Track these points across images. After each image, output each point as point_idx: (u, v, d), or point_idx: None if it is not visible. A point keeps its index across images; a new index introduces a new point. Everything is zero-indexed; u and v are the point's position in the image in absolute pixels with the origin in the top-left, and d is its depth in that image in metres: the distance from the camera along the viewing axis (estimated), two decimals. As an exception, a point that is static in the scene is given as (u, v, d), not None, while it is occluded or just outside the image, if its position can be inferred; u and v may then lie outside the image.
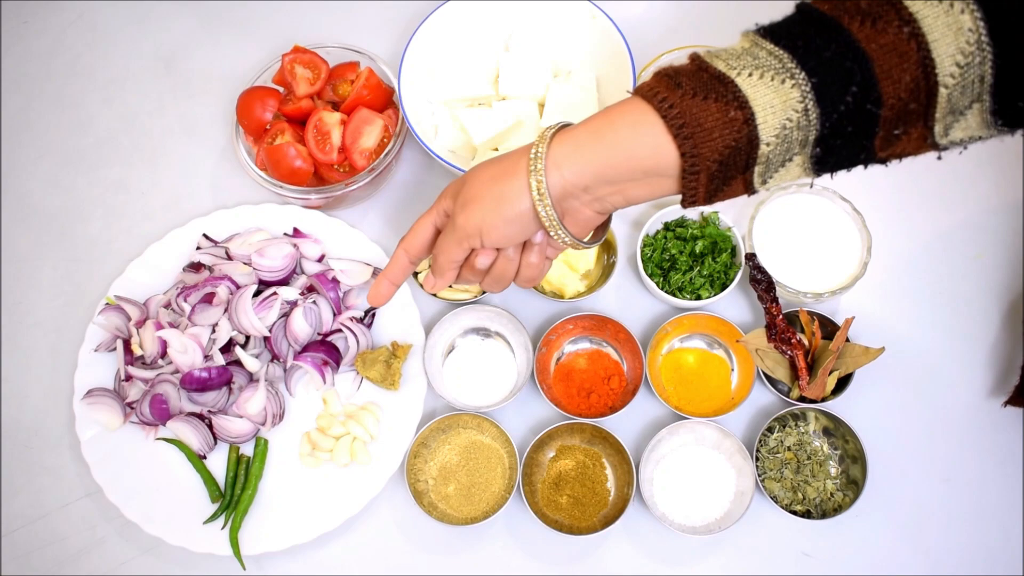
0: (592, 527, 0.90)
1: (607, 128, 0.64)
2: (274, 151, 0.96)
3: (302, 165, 0.96)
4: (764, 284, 0.92)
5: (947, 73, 0.58)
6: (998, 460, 0.94)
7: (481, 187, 0.68)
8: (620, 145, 0.64)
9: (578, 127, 0.66)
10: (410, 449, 0.92)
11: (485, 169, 0.69)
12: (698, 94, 0.61)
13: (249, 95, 1.00)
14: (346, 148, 0.97)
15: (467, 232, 0.69)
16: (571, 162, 0.65)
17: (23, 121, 1.13)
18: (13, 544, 0.94)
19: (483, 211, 0.68)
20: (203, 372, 0.93)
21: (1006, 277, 1.01)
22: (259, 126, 1.00)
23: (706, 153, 0.61)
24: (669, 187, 0.65)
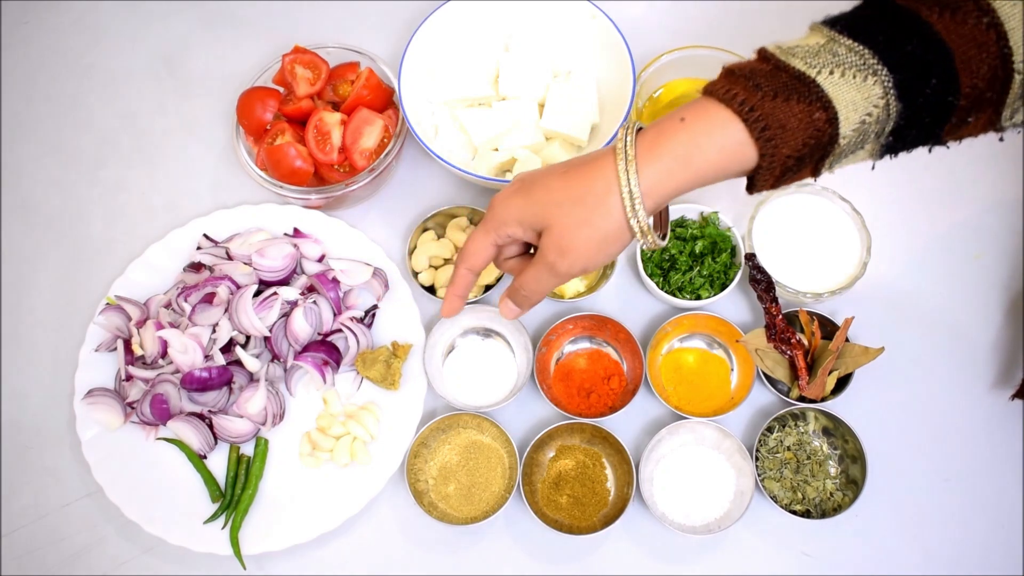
0: (592, 527, 0.90)
1: (693, 151, 0.63)
2: (274, 151, 0.96)
3: (302, 165, 0.96)
4: (764, 284, 0.92)
5: (1021, 60, 0.59)
6: (998, 460, 0.94)
7: (579, 234, 0.65)
8: (708, 166, 0.63)
9: (663, 148, 0.63)
10: (410, 449, 0.92)
11: (572, 210, 0.65)
12: (779, 95, 0.61)
13: (249, 95, 1.00)
14: (346, 148, 0.97)
15: (570, 275, 0.68)
16: (661, 190, 0.64)
17: (23, 121, 1.13)
18: (13, 544, 0.94)
19: (587, 258, 0.66)
20: (203, 372, 0.93)
21: (1005, 277, 1.01)
22: (259, 126, 1.00)
23: (785, 152, 0.62)
24: (736, 176, 0.66)
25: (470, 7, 1.05)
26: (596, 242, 0.65)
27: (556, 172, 0.67)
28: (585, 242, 0.65)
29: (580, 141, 1.03)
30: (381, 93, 1.02)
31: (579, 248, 0.66)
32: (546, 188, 0.67)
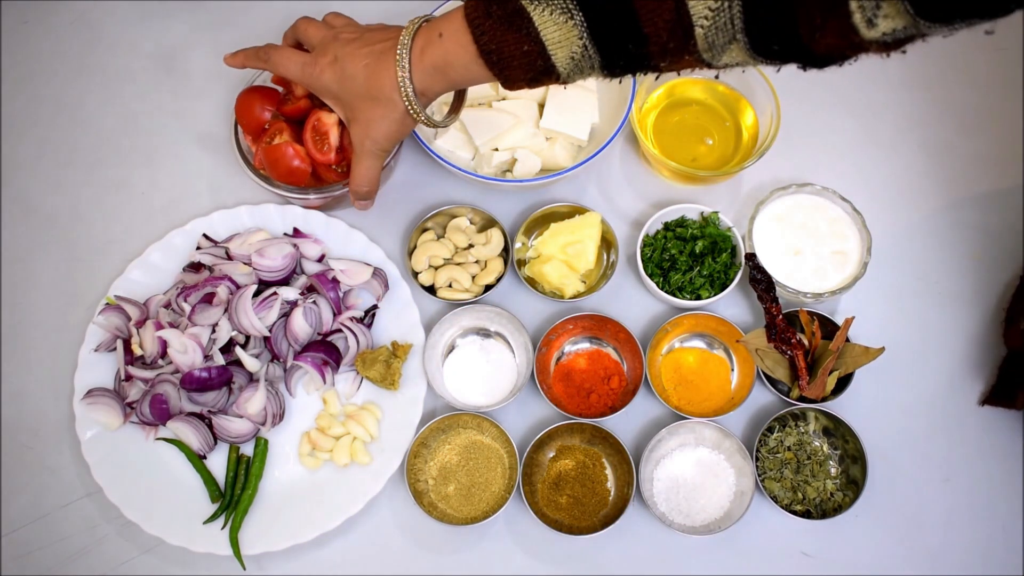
0: (592, 527, 0.90)
1: (448, 66, 0.77)
2: (272, 151, 0.95)
3: (300, 165, 0.95)
4: (764, 284, 0.92)
5: (701, 16, 0.65)
6: (998, 460, 0.94)
7: (381, 124, 0.83)
8: (460, 78, 0.78)
9: (427, 58, 0.77)
10: (410, 449, 0.92)
11: (372, 106, 0.82)
12: (503, 24, 0.70)
13: (248, 95, 0.99)
14: (344, 148, 0.96)
15: (384, 151, 0.87)
16: (430, 91, 0.81)
17: (23, 121, 1.13)
18: (13, 544, 0.94)
19: (388, 139, 0.85)
20: (203, 372, 0.93)
21: (1005, 277, 1.01)
22: (258, 126, 0.99)
23: (515, 75, 0.73)
24: (479, 83, 0.80)
25: (470, 7, 1.04)
26: (394, 127, 0.84)
27: (360, 60, 0.81)
28: (386, 129, 0.84)
29: (580, 141, 1.03)
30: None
31: (383, 132, 0.84)
32: (353, 80, 0.82)
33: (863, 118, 1.10)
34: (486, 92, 1.05)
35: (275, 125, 0.98)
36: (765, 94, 1.01)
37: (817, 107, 1.10)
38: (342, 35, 0.85)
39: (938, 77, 1.12)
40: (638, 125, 1.01)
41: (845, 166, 1.07)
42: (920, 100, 1.11)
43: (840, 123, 1.10)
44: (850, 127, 1.10)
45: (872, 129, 1.10)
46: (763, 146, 1.00)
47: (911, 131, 1.09)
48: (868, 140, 1.09)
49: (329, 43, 0.85)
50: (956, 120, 1.10)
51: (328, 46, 0.84)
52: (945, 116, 1.10)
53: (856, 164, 1.07)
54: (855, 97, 1.11)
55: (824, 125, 1.10)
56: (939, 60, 1.13)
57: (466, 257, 1.00)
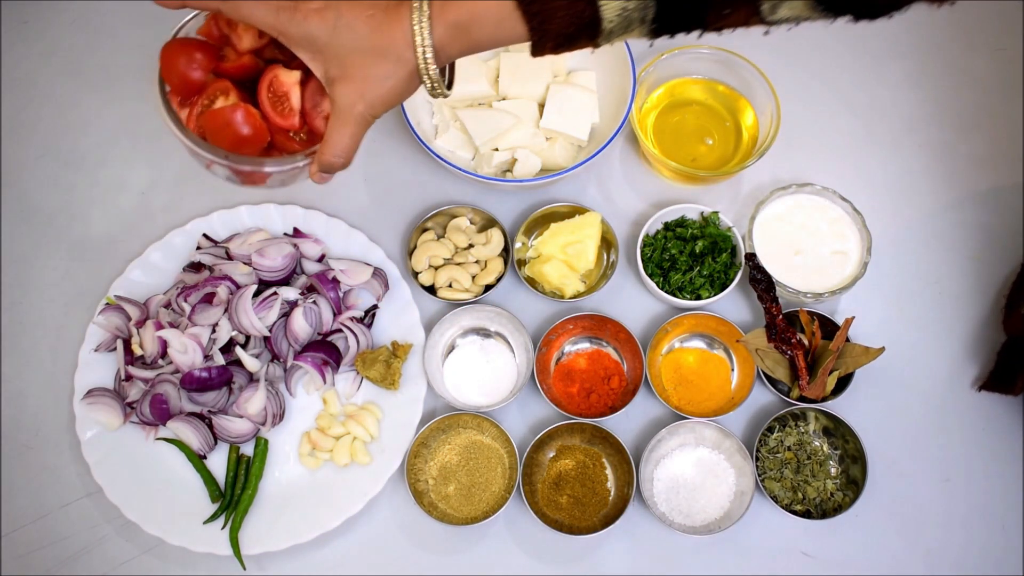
0: (592, 527, 0.90)
1: (474, 23, 0.69)
2: (216, 115, 0.77)
3: (251, 132, 0.77)
4: (764, 284, 0.92)
5: None
6: (998, 460, 0.94)
7: (383, 85, 0.71)
8: (484, 37, 0.70)
9: (450, 13, 0.69)
10: (410, 449, 0.92)
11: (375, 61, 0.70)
12: None
13: (175, 48, 0.80)
14: (307, 112, 0.79)
15: (373, 118, 0.73)
16: (446, 51, 0.70)
17: (23, 121, 1.13)
18: (13, 544, 0.94)
19: (386, 103, 0.72)
20: (203, 372, 0.93)
21: (1005, 277, 1.01)
22: (189, 85, 0.79)
23: (554, 30, 0.67)
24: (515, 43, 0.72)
25: (470, 7, 1.04)
26: (397, 89, 0.71)
27: (363, 10, 0.70)
28: (388, 90, 0.71)
29: (580, 141, 1.03)
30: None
31: (382, 94, 0.71)
32: (352, 31, 0.70)
33: (863, 118, 1.10)
34: (486, 92, 1.05)
35: (216, 85, 0.79)
36: (765, 94, 1.01)
37: (817, 107, 1.10)
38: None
39: (938, 77, 1.12)
40: (638, 125, 1.01)
41: (845, 166, 1.07)
42: (920, 100, 1.11)
43: (840, 123, 1.10)
44: (850, 127, 1.10)
45: (872, 129, 1.10)
46: (763, 146, 1.00)
47: (911, 131, 1.09)
48: (868, 140, 1.09)
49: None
50: (956, 120, 1.10)
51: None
52: (945, 116, 1.10)
53: (856, 164, 1.07)
54: (855, 97, 1.11)
55: (824, 125, 1.10)
56: (939, 60, 1.13)
57: (466, 257, 1.00)
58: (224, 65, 0.80)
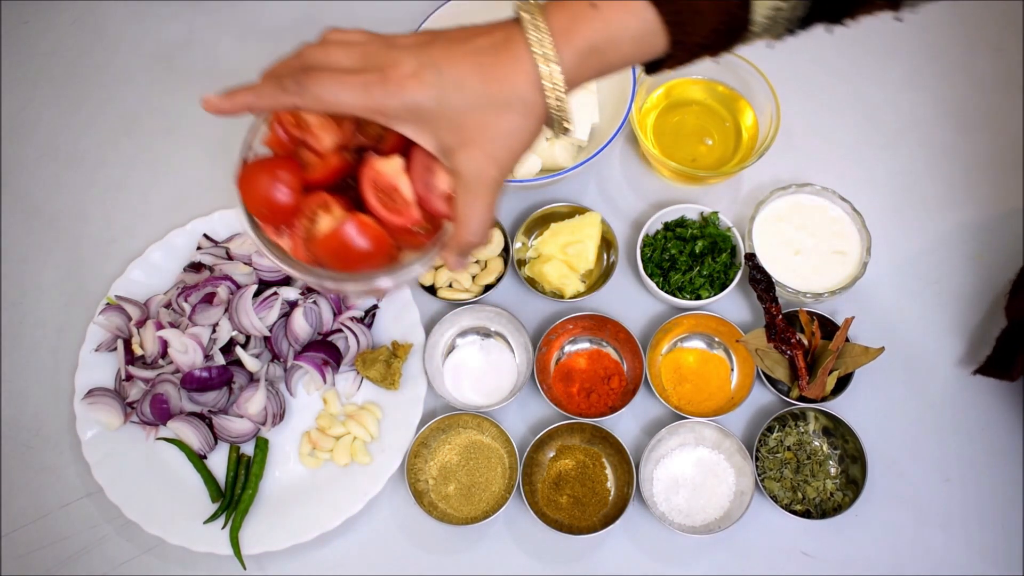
0: (592, 527, 0.90)
1: (609, 44, 0.59)
2: (329, 240, 0.64)
3: (371, 245, 0.64)
4: (764, 284, 0.92)
5: None
6: (998, 460, 0.94)
7: (513, 140, 0.59)
8: (619, 58, 0.59)
9: (578, 36, 0.59)
10: (410, 449, 0.92)
11: (499, 115, 0.59)
12: None
13: (253, 174, 0.67)
14: (422, 198, 0.65)
15: (503, 182, 0.60)
16: (574, 81, 0.59)
17: (24, 121, 1.13)
18: (13, 544, 0.94)
19: (516, 160, 0.60)
20: (203, 372, 0.93)
21: (1005, 277, 1.01)
22: (281, 212, 0.67)
23: (696, 39, 0.59)
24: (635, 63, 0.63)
25: (470, 7, 1.05)
26: (527, 140, 0.61)
27: (466, 59, 0.59)
28: (518, 143, 0.60)
29: (580, 141, 1.03)
30: None
31: (513, 149, 0.60)
32: (461, 88, 0.58)
33: (863, 118, 1.10)
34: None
35: (312, 201, 0.66)
36: (765, 94, 1.01)
37: (817, 107, 1.10)
38: (400, 41, 0.62)
39: (938, 77, 1.12)
40: (638, 125, 1.01)
41: (845, 166, 1.07)
42: (920, 100, 1.11)
43: (840, 123, 1.10)
44: (850, 127, 1.10)
45: (872, 129, 1.10)
46: (763, 146, 1.00)
47: (911, 131, 1.09)
48: (868, 140, 1.09)
49: (388, 53, 0.61)
50: (956, 120, 1.10)
51: (390, 56, 0.60)
52: (945, 116, 1.10)
53: (856, 164, 1.07)
54: (855, 97, 1.11)
55: (824, 125, 1.10)
56: (939, 60, 1.13)
57: (466, 257, 1.00)
58: (312, 175, 0.67)
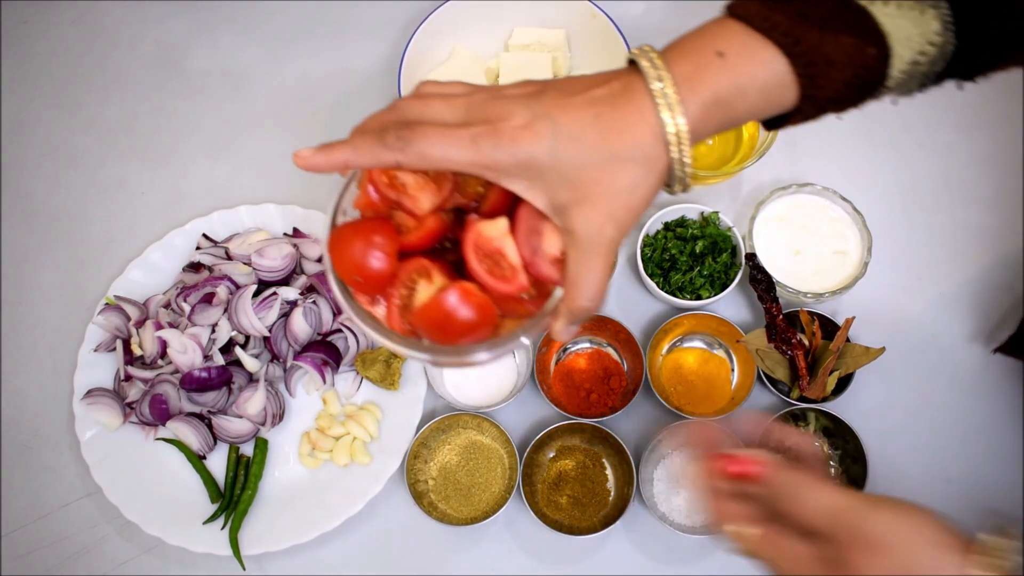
0: (592, 527, 0.90)
1: (737, 96, 0.55)
2: (431, 311, 0.59)
3: (475, 316, 0.59)
4: (764, 284, 0.92)
5: None
6: (999, 461, 0.94)
7: (634, 196, 0.55)
8: (746, 111, 0.56)
9: (703, 86, 0.55)
10: (410, 449, 0.92)
11: (622, 169, 0.55)
12: (827, 26, 0.54)
13: (346, 239, 0.61)
14: (528, 262, 0.60)
15: (595, 239, 0.56)
16: (697, 134, 0.55)
17: (23, 121, 1.13)
18: (13, 544, 0.94)
19: (636, 218, 0.56)
20: (203, 372, 0.93)
21: (1006, 277, 1.01)
22: (377, 280, 0.62)
23: (827, 93, 0.56)
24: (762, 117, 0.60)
25: (470, 7, 1.05)
26: (647, 196, 0.56)
27: (583, 110, 0.55)
28: (639, 199, 0.56)
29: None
30: None
31: (633, 206, 0.56)
32: (578, 141, 0.54)
33: (863, 118, 1.09)
34: (486, 92, 1.05)
35: (410, 268, 0.61)
36: (765, 94, 1.01)
37: (817, 107, 1.10)
38: (507, 92, 0.57)
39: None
40: (638, 125, 1.01)
41: (845, 166, 1.07)
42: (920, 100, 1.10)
43: (840, 123, 1.10)
44: (850, 127, 1.10)
45: (872, 129, 1.09)
46: (763, 146, 1.00)
47: (911, 131, 1.09)
48: (868, 140, 1.09)
49: (496, 104, 0.55)
50: (956, 120, 1.10)
51: (499, 108, 0.55)
52: (945, 116, 1.10)
53: (856, 164, 1.07)
54: (855, 97, 1.11)
55: (824, 125, 1.08)
56: (939, 60, 1.13)
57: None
58: (408, 239, 0.61)
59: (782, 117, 0.58)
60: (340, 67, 1.14)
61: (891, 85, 0.56)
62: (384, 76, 1.13)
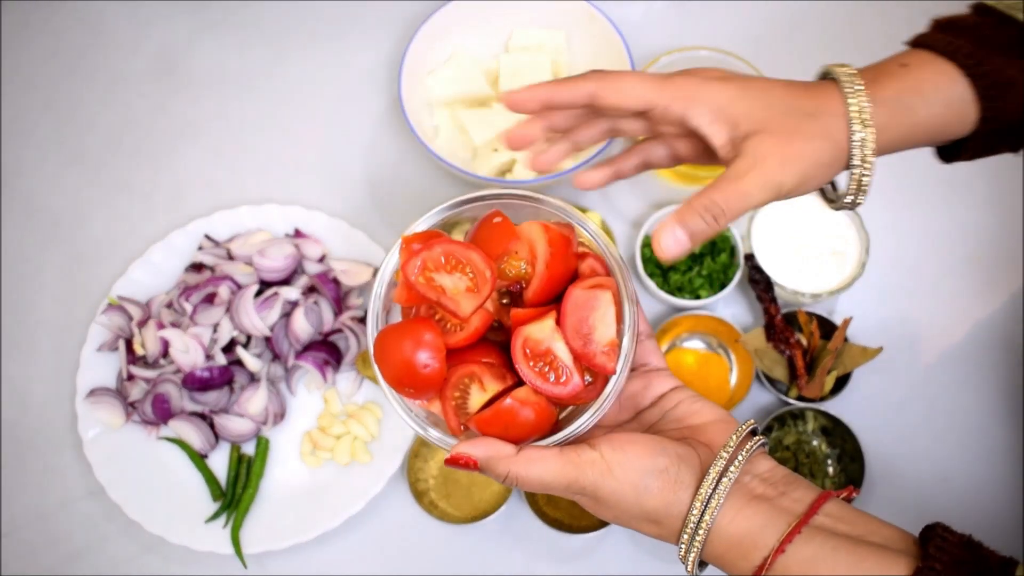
0: (592, 526, 0.90)
1: (919, 102, 0.56)
2: (497, 419, 0.57)
3: (535, 418, 0.57)
4: (762, 284, 0.93)
5: None
6: (998, 460, 0.94)
7: (808, 146, 0.55)
8: (931, 123, 0.57)
9: (888, 87, 0.56)
10: (411, 449, 0.92)
11: (801, 120, 0.56)
12: (1008, 50, 0.55)
13: (390, 341, 0.58)
14: (581, 355, 0.58)
15: (787, 194, 0.56)
16: (884, 139, 0.57)
17: (25, 122, 1.13)
18: (14, 543, 0.94)
19: (809, 176, 0.56)
20: (205, 372, 0.93)
21: (1004, 277, 1.01)
22: (426, 385, 0.58)
23: (1007, 116, 0.56)
24: (945, 141, 0.61)
25: (470, 7, 1.05)
26: (819, 167, 0.55)
27: (774, 82, 0.58)
28: (813, 157, 0.55)
29: (580, 141, 1.03)
30: (567, 246, 0.60)
31: (803, 170, 0.55)
32: (765, 90, 0.56)
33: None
34: (486, 92, 1.05)
35: (460, 373, 0.59)
36: (764, 95, 1.01)
37: (816, 107, 1.10)
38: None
39: (937, 78, 1.12)
40: (638, 126, 1.02)
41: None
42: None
43: (839, 123, 1.10)
44: (849, 127, 1.10)
45: (871, 129, 1.10)
46: (762, 147, 1.00)
47: (910, 131, 1.09)
48: (867, 140, 1.09)
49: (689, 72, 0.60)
50: (954, 120, 1.10)
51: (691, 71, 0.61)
52: (943, 116, 1.10)
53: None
54: (854, 98, 1.11)
55: (823, 125, 1.10)
56: (938, 61, 1.13)
57: (466, 257, 1.00)
58: (454, 340, 0.59)
59: (959, 146, 0.59)
60: (340, 67, 1.14)
61: None
62: (385, 76, 1.13)
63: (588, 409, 0.58)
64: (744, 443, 0.52)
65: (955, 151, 0.60)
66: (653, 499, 0.52)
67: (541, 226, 0.60)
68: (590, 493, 0.53)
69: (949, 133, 0.58)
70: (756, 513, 0.50)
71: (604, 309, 0.59)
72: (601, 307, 0.59)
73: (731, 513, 0.51)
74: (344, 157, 1.09)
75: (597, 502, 0.54)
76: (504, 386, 0.58)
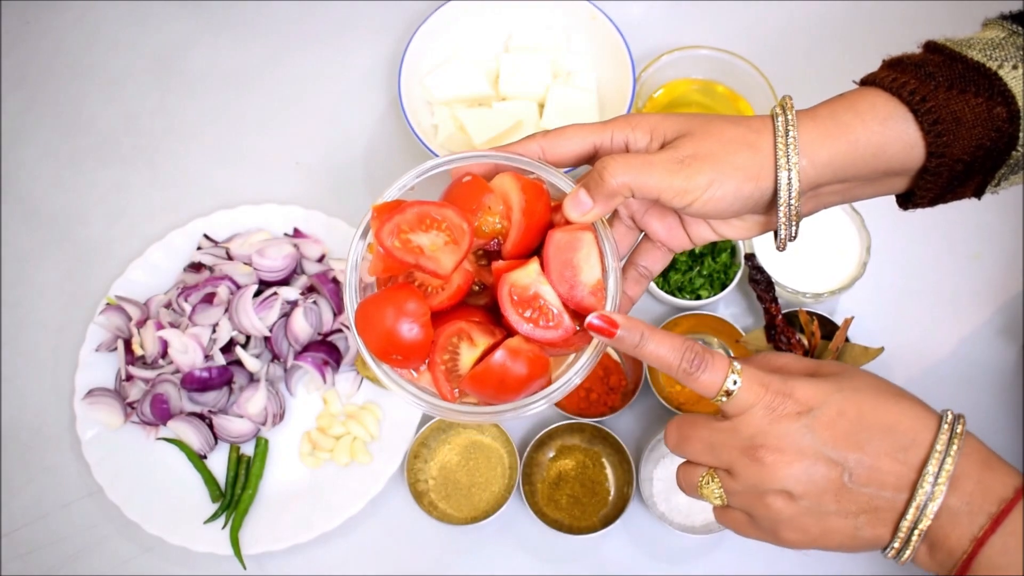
0: (592, 527, 0.90)
1: (853, 118, 0.56)
2: (491, 374, 0.56)
3: (528, 370, 0.56)
4: (763, 284, 0.92)
5: None
6: (997, 460, 0.94)
7: (719, 145, 0.56)
8: (868, 140, 0.56)
9: (816, 111, 0.57)
10: (410, 449, 0.92)
11: (723, 126, 0.57)
12: (954, 86, 0.55)
13: (371, 312, 0.57)
14: (568, 298, 0.58)
15: (688, 187, 0.55)
16: (816, 151, 0.56)
17: (24, 121, 1.13)
18: (13, 544, 0.94)
19: (716, 172, 0.55)
20: (204, 372, 0.93)
21: (1004, 276, 1.01)
22: (413, 352, 0.57)
23: (955, 153, 0.56)
24: (898, 187, 0.61)
25: (470, 7, 1.05)
26: (740, 165, 0.56)
27: (716, 115, 0.59)
28: (734, 160, 0.56)
29: (580, 141, 1.03)
30: (541, 193, 0.60)
31: (727, 163, 0.55)
32: (706, 117, 0.59)
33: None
34: (486, 92, 1.05)
35: (448, 334, 0.58)
36: (764, 94, 1.01)
37: (817, 107, 1.10)
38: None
39: (937, 77, 1.12)
40: (638, 125, 1.01)
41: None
42: (919, 100, 1.11)
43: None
44: (850, 127, 1.10)
45: (872, 129, 1.10)
46: (763, 146, 1.00)
47: (910, 131, 1.09)
48: (868, 140, 1.09)
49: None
50: (955, 120, 1.10)
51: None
52: (944, 116, 1.10)
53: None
54: (855, 97, 1.11)
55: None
56: (938, 60, 1.13)
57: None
58: (437, 302, 0.58)
59: (910, 195, 0.60)
60: (340, 67, 1.14)
61: (1018, 155, 0.57)
62: (384, 76, 1.13)
63: (584, 353, 0.57)
64: (952, 440, 0.59)
65: (911, 196, 0.61)
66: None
67: (513, 176, 0.59)
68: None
69: (895, 161, 0.57)
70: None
71: (587, 249, 0.58)
72: (584, 247, 0.58)
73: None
74: (344, 157, 1.09)
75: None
76: (494, 340, 0.56)
